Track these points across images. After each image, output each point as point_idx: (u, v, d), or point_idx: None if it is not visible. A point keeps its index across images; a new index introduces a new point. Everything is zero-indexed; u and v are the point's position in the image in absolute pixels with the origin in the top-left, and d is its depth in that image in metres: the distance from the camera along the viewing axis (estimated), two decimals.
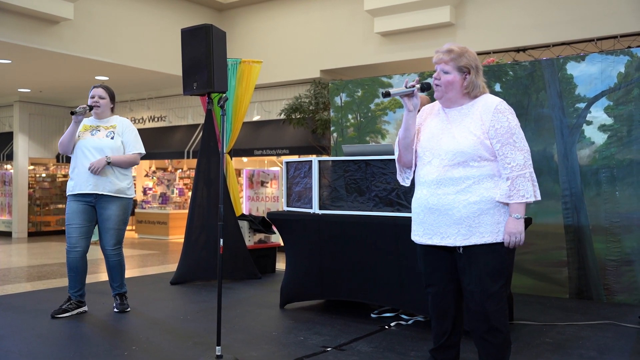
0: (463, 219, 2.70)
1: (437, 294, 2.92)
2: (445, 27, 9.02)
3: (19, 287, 6.52)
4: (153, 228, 13.37)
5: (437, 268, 2.89)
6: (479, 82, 2.80)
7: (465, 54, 2.77)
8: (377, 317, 4.45)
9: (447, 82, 2.77)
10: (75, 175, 4.52)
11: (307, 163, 4.61)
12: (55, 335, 3.98)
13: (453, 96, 2.80)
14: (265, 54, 10.16)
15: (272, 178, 11.06)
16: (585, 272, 5.27)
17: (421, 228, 2.86)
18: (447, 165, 2.73)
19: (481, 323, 2.74)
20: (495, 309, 2.71)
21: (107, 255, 4.62)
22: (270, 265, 6.96)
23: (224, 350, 3.35)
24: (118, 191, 4.53)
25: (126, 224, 4.67)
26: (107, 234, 4.56)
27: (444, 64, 2.77)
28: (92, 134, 4.58)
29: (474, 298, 2.73)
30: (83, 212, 4.51)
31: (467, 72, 2.77)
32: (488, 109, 2.73)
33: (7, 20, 8.60)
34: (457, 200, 2.71)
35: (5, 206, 14.78)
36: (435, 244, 2.80)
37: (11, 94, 13.93)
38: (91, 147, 4.49)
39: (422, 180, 2.85)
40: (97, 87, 4.70)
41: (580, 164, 5.34)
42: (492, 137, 2.69)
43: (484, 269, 2.71)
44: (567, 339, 3.85)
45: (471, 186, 2.70)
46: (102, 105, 4.64)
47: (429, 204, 2.79)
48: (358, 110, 6.79)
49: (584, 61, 5.37)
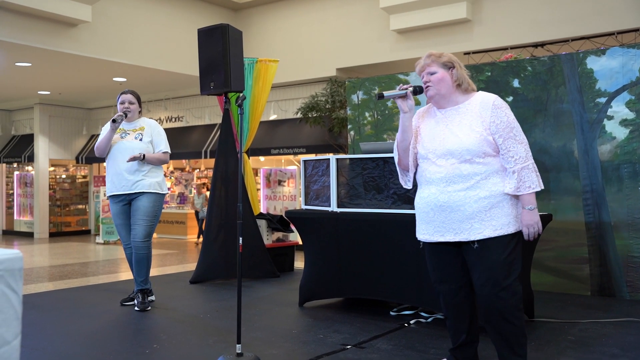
0: (475, 214, 2.74)
1: (450, 292, 2.93)
2: (462, 23, 8.96)
3: (41, 286, 6.62)
4: (171, 228, 13.48)
5: (448, 265, 2.91)
6: (465, 75, 2.89)
7: (444, 54, 2.91)
8: (396, 315, 4.44)
9: (437, 79, 2.85)
10: (110, 178, 4.78)
11: (325, 161, 4.61)
12: (77, 333, 4.02)
13: (446, 92, 2.86)
14: (281, 53, 10.18)
15: (289, 177, 11.09)
16: (607, 269, 5.20)
17: (431, 226, 2.87)
18: (454, 163, 2.77)
19: (494, 317, 2.75)
20: (508, 301, 2.71)
21: (136, 247, 4.70)
22: (289, 263, 6.98)
23: (244, 348, 3.36)
24: (149, 186, 4.71)
25: (156, 219, 4.80)
26: (136, 225, 4.69)
27: (428, 67, 2.88)
28: (122, 136, 4.80)
29: (486, 291, 2.73)
30: (123, 212, 4.79)
31: (452, 66, 2.87)
32: (486, 105, 2.80)
33: (27, 24, 8.71)
34: (468, 196, 2.74)
35: (27, 207, 14.99)
36: (448, 240, 2.81)
37: (31, 96, 14.13)
38: (122, 150, 4.72)
39: (428, 178, 2.86)
40: (126, 93, 4.90)
41: (601, 160, 5.27)
42: (494, 133, 2.75)
43: (495, 261, 2.72)
44: (589, 337, 3.81)
45: (480, 182, 2.74)
46: (132, 111, 4.87)
47: (439, 202, 2.80)
48: (375, 108, 6.77)
49: (605, 55, 5.30)
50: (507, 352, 2.76)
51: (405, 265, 4.17)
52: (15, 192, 15.33)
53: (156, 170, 4.80)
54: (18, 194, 15.27)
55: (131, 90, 4.94)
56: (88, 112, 15.36)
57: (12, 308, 1.52)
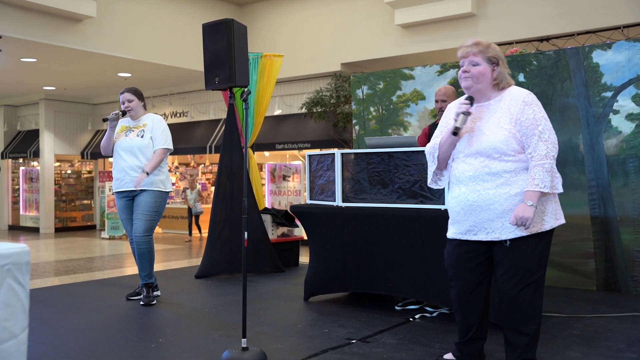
0: (506, 212, 2.69)
1: (466, 287, 2.89)
2: (467, 17, 8.92)
3: (47, 281, 6.65)
4: (176, 223, 13.51)
5: (469, 262, 2.86)
6: (506, 73, 2.81)
7: (491, 46, 2.80)
8: (402, 310, 4.44)
9: (478, 72, 2.77)
10: (115, 174, 4.87)
11: (330, 156, 4.60)
12: (83, 327, 4.04)
13: (483, 87, 2.79)
14: (286, 48, 10.17)
15: (293, 172, 11.09)
16: (612, 264, 5.19)
17: (463, 226, 2.83)
18: (483, 162, 2.73)
19: (515, 313, 2.73)
20: (531, 298, 2.70)
21: (137, 242, 4.73)
22: (294, 258, 6.99)
23: (250, 343, 3.37)
24: (152, 184, 4.74)
25: (158, 215, 4.82)
26: (137, 220, 4.73)
27: (472, 56, 2.77)
28: (125, 134, 4.87)
29: (510, 288, 2.72)
30: (127, 207, 4.86)
31: (496, 63, 2.78)
32: (516, 101, 2.74)
33: (32, 19, 8.72)
34: (498, 194, 2.70)
35: (32, 202, 15.05)
36: (481, 239, 2.78)
37: (37, 92, 14.16)
38: (123, 148, 4.80)
39: (458, 177, 2.83)
40: (123, 92, 4.92)
41: (607, 154, 5.25)
42: (519, 130, 2.69)
43: (525, 259, 2.70)
44: (594, 331, 3.80)
45: (509, 179, 2.69)
46: (133, 108, 4.89)
47: (469, 201, 2.76)
48: (380, 103, 6.76)
49: (611, 49, 5.27)
50: (520, 349, 2.74)
51: (410, 260, 4.17)
52: (21, 187, 15.39)
53: (159, 168, 4.82)
54: (24, 190, 15.32)
55: (129, 87, 4.95)
56: (93, 107, 15.38)
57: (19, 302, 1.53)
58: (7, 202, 15.63)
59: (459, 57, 2.82)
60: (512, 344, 2.77)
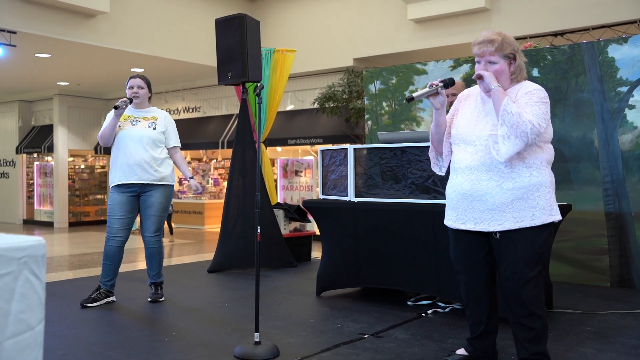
0: (497, 205, 2.70)
1: (471, 281, 2.91)
2: (480, 12, 8.86)
3: (62, 275, 6.71)
4: (189, 218, 13.57)
5: (471, 254, 2.88)
6: (523, 64, 2.79)
7: (506, 39, 2.75)
8: (414, 305, 4.43)
9: (495, 72, 2.74)
10: (118, 166, 4.54)
11: (343, 151, 4.60)
12: (97, 321, 4.08)
13: (501, 84, 2.76)
14: (298, 43, 10.15)
15: (306, 167, 11.09)
16: (627, 260, 5.15)
17: (454, 213, 2.87)
18: (480, 152, 2.73)
19: (520, 309, 2.73)
20: (532, 294, 2.70)
21: (147, 242, 4.68)
22: (306, 253, 7.00)
23: (262, 337, 3.38)
24: (162, 179, 4.59)
25: (167, 211, 4.76)
26: (149, 221, 4.62)
27: (489, 55, 2.74)
28: (132, 124, 4.61)
29: (511, 284, 2.72)
30: (126, 203, 4.55)
31: (513, 57, 2.75)
32: (522, 93, 2.73)
33: (46, 15, 8.78)
34: (491, 186, 2.70)
35: (47, 197, 15.19)
36: (469, 229, 2.80)
37: (51, 87, 14.27)
38: (132, 137, 4.53)
39: (456, 166, 2.85)
40: (135, 77, 4.75)
41: (622, 150, 5.20)
42: None
43: (521, 254, 2.70)
44: (608, 328, 3.78)
45: (504, 172, 2.69)
46: (141, 96, 4.70)
47: (463, 190, 2.79)
48: (392, 98, 6.74)
49: (627, 43, 5.21)
50: (527, 343, 2.74)
51: (422, 255, 4.16)
52: (35, 182, 15.52)
53: (169, 161, 4.69)
54: (38, 184, 15.45)
55: (141, 74, 4.79)
56: (106, 102, 15.47)
57: (35, 294, 1.54)
58: (22, 196, 15.78)
59: (475, 54, 2.79)
60: (521, 339, 2.77)
